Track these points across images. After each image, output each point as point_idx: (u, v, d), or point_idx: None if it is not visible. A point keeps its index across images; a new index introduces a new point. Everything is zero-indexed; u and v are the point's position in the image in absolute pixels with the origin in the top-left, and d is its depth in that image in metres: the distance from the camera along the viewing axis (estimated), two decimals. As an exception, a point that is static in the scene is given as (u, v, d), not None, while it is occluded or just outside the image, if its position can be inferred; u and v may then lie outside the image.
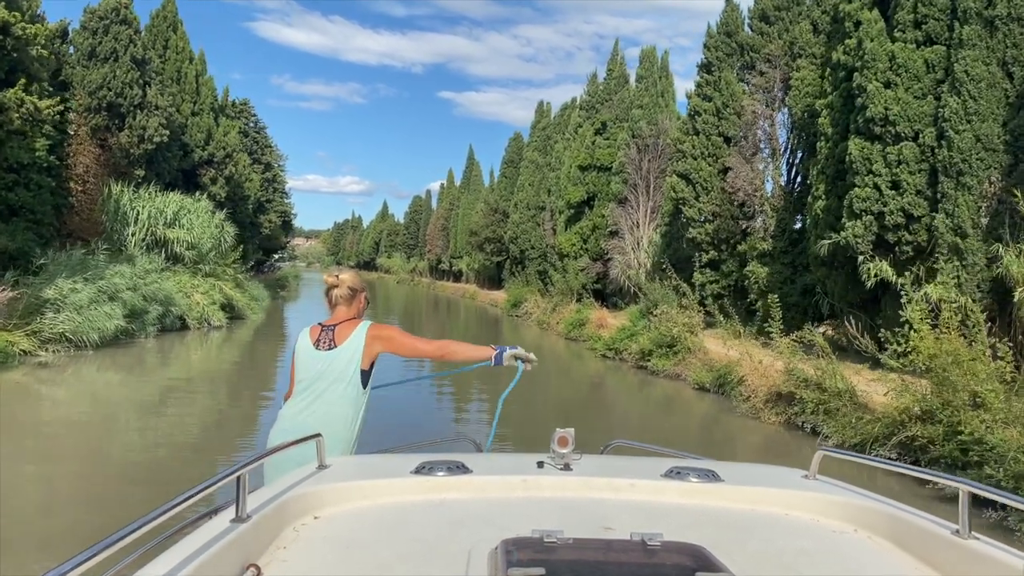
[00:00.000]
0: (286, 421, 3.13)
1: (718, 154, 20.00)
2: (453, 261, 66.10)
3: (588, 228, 30.84)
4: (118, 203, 20.02)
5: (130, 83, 22.68)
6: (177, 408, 11.93)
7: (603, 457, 2.80)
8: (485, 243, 51.11)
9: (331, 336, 3.21)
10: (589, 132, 32.12)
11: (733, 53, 20.49)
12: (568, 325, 23.60)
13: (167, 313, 18.42)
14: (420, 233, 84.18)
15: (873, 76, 13.11)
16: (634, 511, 1.91)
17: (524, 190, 42.72)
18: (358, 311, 3.38)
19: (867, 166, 13.17)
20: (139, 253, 19.72)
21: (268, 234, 53.75)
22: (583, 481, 2.08)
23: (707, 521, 1.86)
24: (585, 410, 12.99)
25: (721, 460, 2.50)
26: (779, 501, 2.04)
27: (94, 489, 7.27)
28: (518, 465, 2.24)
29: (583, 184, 31.12)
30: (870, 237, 13.17)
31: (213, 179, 28.89)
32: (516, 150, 52.64)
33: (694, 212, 20.14)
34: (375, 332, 3.24)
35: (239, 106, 51.74)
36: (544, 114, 46.68)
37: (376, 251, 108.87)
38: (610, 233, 28.96)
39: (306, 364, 3.19)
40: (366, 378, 3.20)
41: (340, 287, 3.33)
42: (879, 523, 1.86)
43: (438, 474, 2.05)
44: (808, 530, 1.88)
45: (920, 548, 1.71)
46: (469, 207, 61.97)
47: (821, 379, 9.38)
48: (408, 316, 40.38)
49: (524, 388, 3.35)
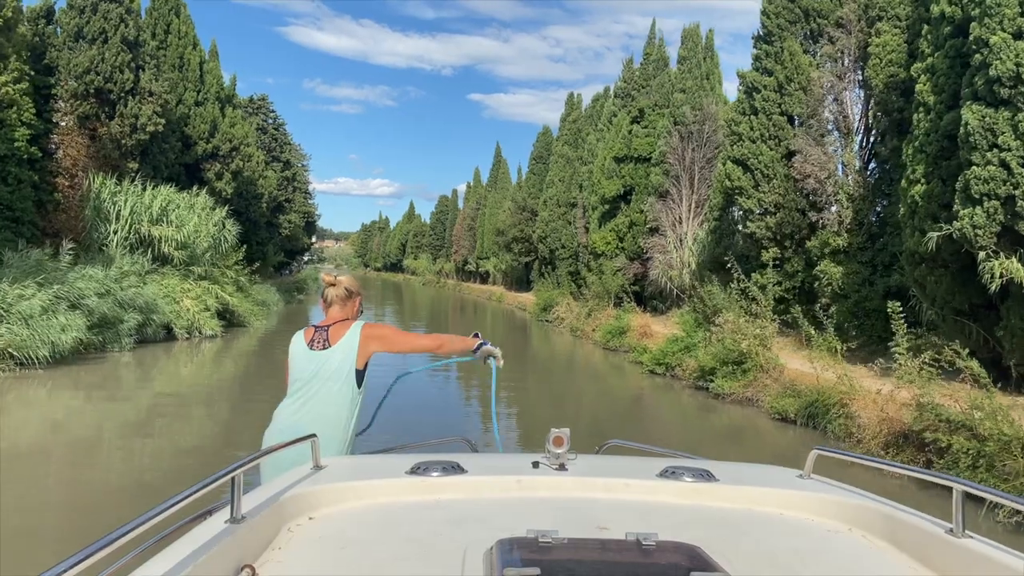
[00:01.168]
0: (280, 421, 3.11)
1: (781, 136, 17.31)
2: (479, 262, 63.89)
3: (624, 225, 28.25)
4: (99, 197, 17.81)
5: (120, 66, 20.54)
6: (132, 442, 9.61)
7: (598, 457, 2.76)
8: (512, 243, 48.71)
9: (325, 336, 3.20)
10: (625, 121, 29.51)
11: (797, 20, 17.79)
12: (606, 333, 20.96)
13: (148, 322, 16.19)
14: (446, 234, 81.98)
15: (998, 26, 10.41)
16: (629, 511, 1.90)
17: (554, 186, 40.19)
18: (352, 313, 3.35)
19: (989, 139, 10.47)
20: (120, 253, 17.50)
21: (288, 235, 51.78)
22: (578, 481, 2.08)
23: (702, 521, 1.85)
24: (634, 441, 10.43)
25: (717, 460, 2.42)
26: (774, 501, 2.02)
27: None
28: (513, 465, 2.24)
29: (619, 177, 28.53)
30: (994, 228, 10.48)
31: (218, 174, 26.69)
32: (545, 145, 50.12)
33: (752, 203, 17.48)
34: (369, 331, 3.24)
35: (256, 102, 49.83)
36: (575, 106, 44.09)
37: (402, 253, 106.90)
38: (649, 230, 26.36)
39: (300, 364, 3.16)
40: (360, 378, 3.18)
41: (337, 287, 3.31)
42: (874, 522, 1.85)
43: (433, 474, 2.05)
44: (803, 529, 1.88)
45: (915, 547, 1.69)
46: (496, 206, 59.63)
47: (973, 419, 6.74)
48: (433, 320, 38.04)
49: (555, 409, 2.87)
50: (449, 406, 12.64)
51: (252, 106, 49.36)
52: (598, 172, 30.55)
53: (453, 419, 11.09)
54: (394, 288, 77.08)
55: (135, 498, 6.91)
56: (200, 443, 9.63)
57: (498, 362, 3.44)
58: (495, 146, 75.65)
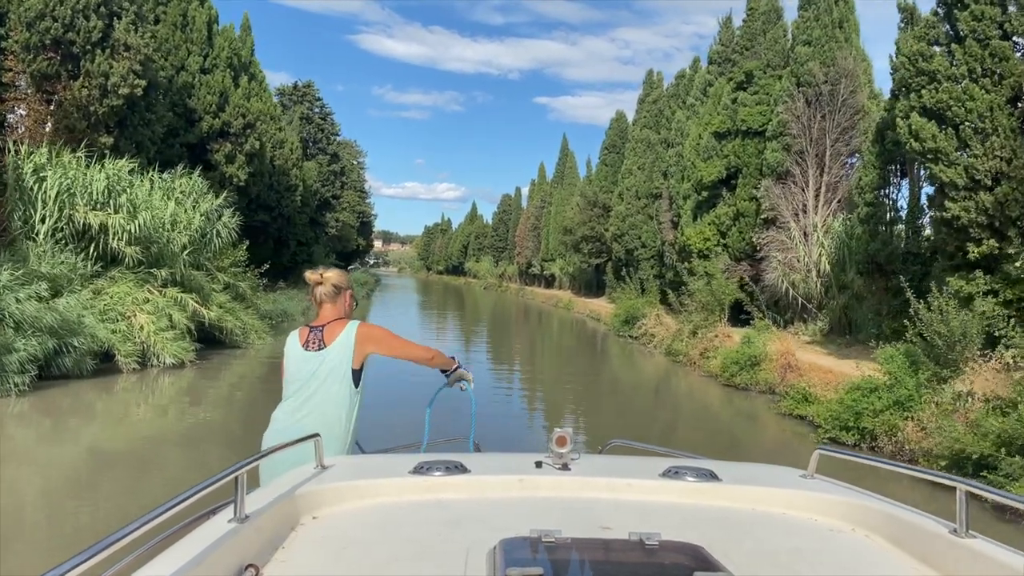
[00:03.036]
0: (280, 423, 3.08)
1: (1003, 71, 11.47)
2: (544, 264, 58.57)
3: (728, 216, 22.50)
4: (20, 172, 13.07)
5: (84, 10, 15.94)
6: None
7: (601, 457, 2.75)
8: (582, 242, 43.24)
9: (320, 336, 3.16)
10: (726, 89, 23.78)
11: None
12: (729, 362, 14.80)
13: (65, 349, 11.20)
14: (509, 235, 76.74)
15: None
16: (632, 511, 1.90)
17: (632, 175, 34.57)
18: (344, 310, 3.28)
19: None
20: (51, 249, 12.68)
21: (337, 234, 47.39)
22: (581, 481, 2.08)
23: (705, 521, 1.84)
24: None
25: (720, 460, 2.35)
26: (777, 500, 2.01)
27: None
28: (516, 465, 2.22)
29: (720, 157, 22.80)
30: None
31: (229, 156, 21.89)
32: (619, 132, 44.49)
33: (954, 174, 11.67)
34: (366, 332, 3.19)
35: (301, 89, 45.46)
36: (654, 85, 38.35)
37: (464, 255, 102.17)
38: (764, 222, 20.58)
39: (296, 366, 3.15)
40: (358, 377, 3.15)
41: (324, 284, 3.22)
42: (877, 522, 1.83)
43: (436, 474, 2.04)
44: (806, 529, 1.87)
45: (918, 547, 1.68)
46: (563, 203, 54.23)
47: None
48: (494, 332, 32.80)
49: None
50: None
51: (297, 93, 45.12)
52: (691, 153, 24.86)
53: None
54: (455, 293, 72.09)
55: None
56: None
57: (470, 384, 3.44)
58: (561, 138, 70.02)
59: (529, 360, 22.53)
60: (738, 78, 23.17)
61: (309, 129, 43.60)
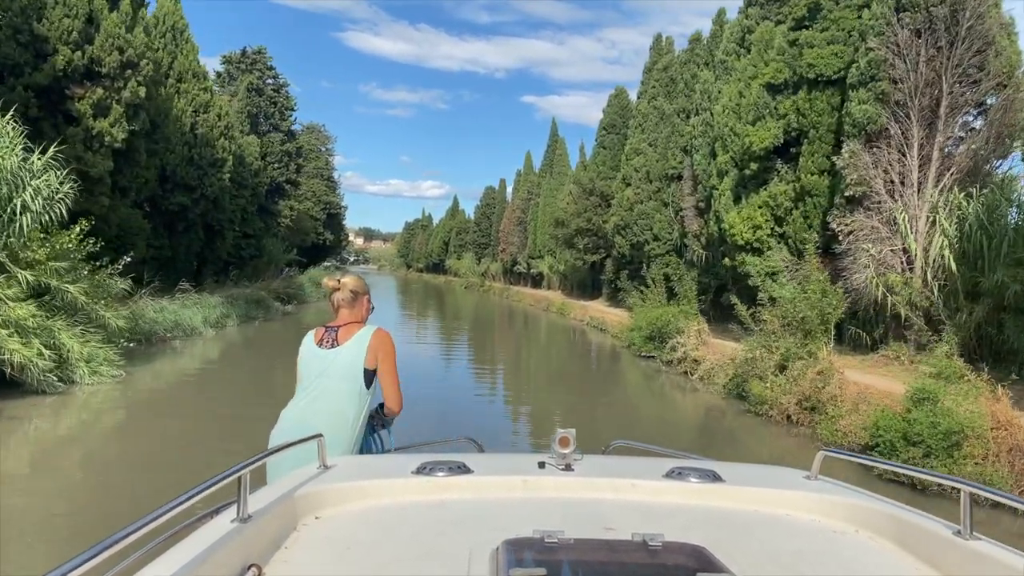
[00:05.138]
0: (287, 421, 3.06)
1: None
2: (532, 262, 52.71)
3: (787, 196, 16.73)
4: None
5: None
6: None
7: (604, 457, 2.71)
8: (576, 237, 37.43)
9: (334, 336, 3.17)
10: (778, 33, 18.02)
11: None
12: (893, 435, 8.06)
13: None
14: (492, 230, 70.65)
15: None
16: (635, 511, 1.87)
17: (642, 155, 28.72)
18: (362, 315, 3.30)
19: None
20: None
21: (291, 226, 41.22)
22: (584, 481, 2.04)
23: (708, 521, 1.82)
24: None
25: (724, 461, 2.28)
26: (780, 501, 1.98)
27: None
28: (519, 465, 2.19)
29: (776, 117, 17.03)
30: None
31: (99, 107, 15.60)
32: (619, 110, 38.67)
33: None
34: (383, 338, 3.17)
35: (251, 55, 39.13)
36: (663, 51, 32.45)
37: (445, 251, 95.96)
38: (846, 201, 14.81)
39: (309, 363, 3.13)
40: (370, 378, 3.11)
41: (342, 291, 3.26)
42: (880, 523, 1.80)
43: (439, 474, 2.01)
44: (809, 531, 1.84)
45: (921, 549, 1.65)
46: (552, 194, 48.45)
47: None
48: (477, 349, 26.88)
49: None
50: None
51: (245, 60, 38.82)
52: (727, 118, 19.03)
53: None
54: (435, 293, 65.87)
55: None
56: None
57: (390, 435, 3.38)
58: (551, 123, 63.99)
59: (519, 398, 16.69)
60: (797, 13, 17.37)
61: (259, 102, 37.36)
